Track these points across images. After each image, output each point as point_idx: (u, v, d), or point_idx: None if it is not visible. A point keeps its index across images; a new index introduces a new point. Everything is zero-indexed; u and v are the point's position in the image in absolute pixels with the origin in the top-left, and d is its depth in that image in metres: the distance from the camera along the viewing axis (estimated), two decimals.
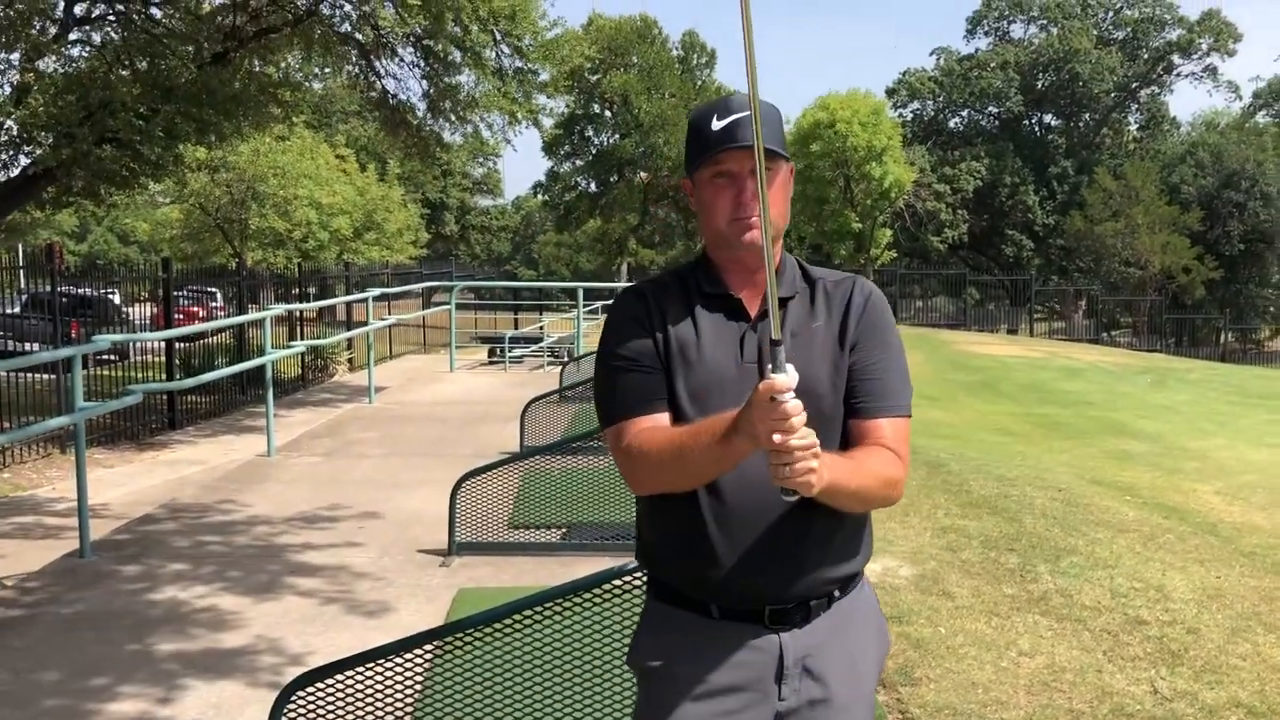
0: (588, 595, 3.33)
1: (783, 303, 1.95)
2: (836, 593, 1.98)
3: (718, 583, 1.91)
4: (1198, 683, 4.38)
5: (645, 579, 2.09)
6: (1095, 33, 53.25)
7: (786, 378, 1.63)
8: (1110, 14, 54.52)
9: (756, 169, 1.70)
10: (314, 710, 3.20)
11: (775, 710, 1.92)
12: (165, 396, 11.71)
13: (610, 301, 2.05)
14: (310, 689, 3.22)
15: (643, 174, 49.10)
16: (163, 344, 12.45)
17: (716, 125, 1.91)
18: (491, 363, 18.11)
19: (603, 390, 1.99)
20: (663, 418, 1.92)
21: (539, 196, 55.92)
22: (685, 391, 1.92)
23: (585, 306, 18.17)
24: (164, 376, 12.41)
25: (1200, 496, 8.72)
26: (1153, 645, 4.77)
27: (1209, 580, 5.82)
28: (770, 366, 1.67)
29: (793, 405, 1.61)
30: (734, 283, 1.98)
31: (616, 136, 48.47)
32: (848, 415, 1.95)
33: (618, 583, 3.27)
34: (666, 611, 1.99)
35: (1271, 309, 48.08)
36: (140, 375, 13.56)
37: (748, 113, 1.85)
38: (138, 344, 15.99)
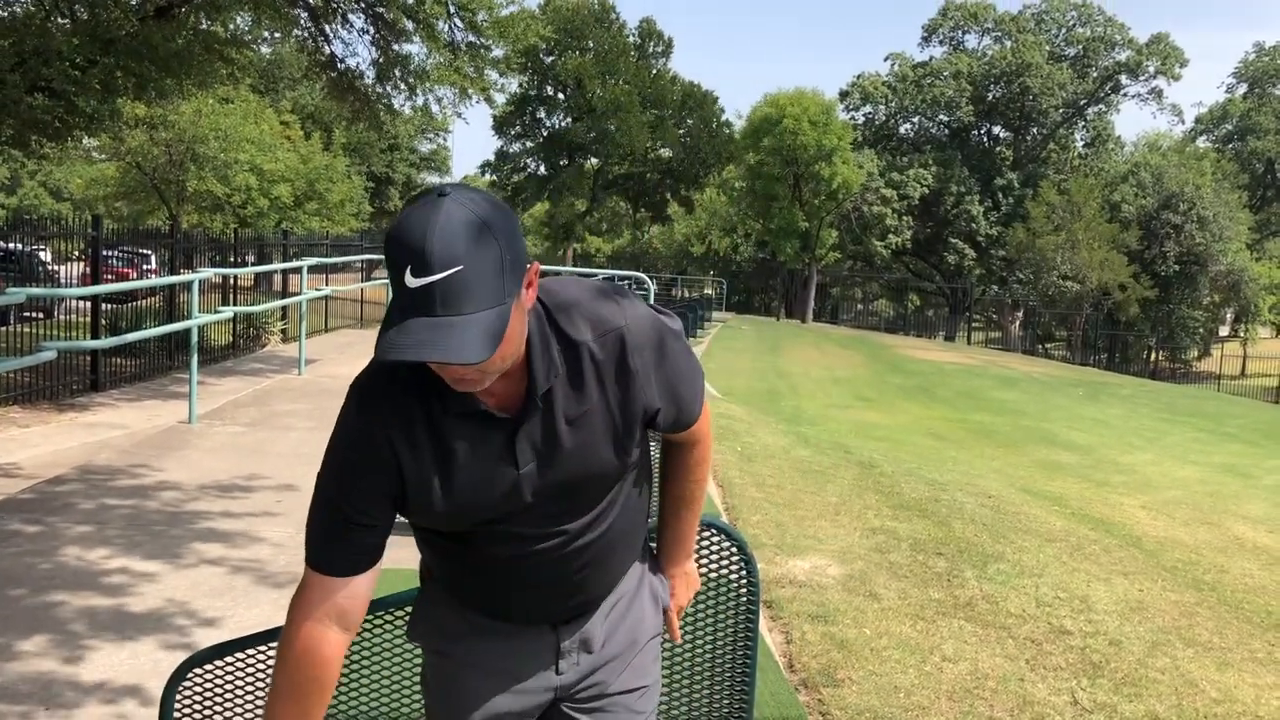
0: None
1: (547, 395, 1.64)
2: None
3: (504, 617, 1.89)
4: (1117, 695, 4.37)
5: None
6: (1048, 48, 54.00)
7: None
8: (1063, 31, 55.31)
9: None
10: (210, 690, 3.04)
11: (556, 685, 1.90)
12: (88, 357, 11.34)
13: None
14: (207, 667, 3.06)
15: (593, 160, 48.90)
16: (89, 304, 12.07)
17: (412, 282, 1.40)
18: None
19: (312, 519, 1.71)
20: (363, 580, 1.71)
21: (487, 176, 55.44)
22: (444, 511, 1.71)
23: None
24: (88, 336, 12.03)
25: (1126, 510, 8.80)
26: (1075, 656, 4.76)
27: (1132, 593, 5.84)
28: None
29: None
30: (483, 397, 1.64)
31: (569, 120, 48.21)
32: (664, 436, 1.93)
33: None
34: (443, 598, 1.94)
35: (1201, 330, 49.15)
36: (64, 334, 13.16)
37: (453, 272, 1.39)
38: (66, 304, 15.57)
